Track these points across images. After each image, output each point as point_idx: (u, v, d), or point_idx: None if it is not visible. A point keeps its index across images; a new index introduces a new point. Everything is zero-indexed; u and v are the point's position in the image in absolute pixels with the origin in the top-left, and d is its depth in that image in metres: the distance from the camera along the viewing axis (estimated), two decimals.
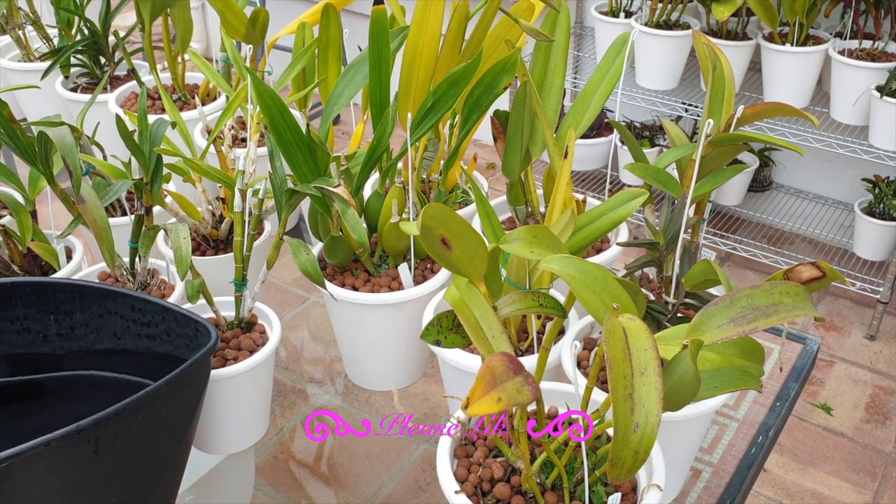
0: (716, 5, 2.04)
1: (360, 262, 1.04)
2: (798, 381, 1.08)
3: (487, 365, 0.58)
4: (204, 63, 1.22)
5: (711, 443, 1.01)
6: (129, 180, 0.98)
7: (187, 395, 0.78)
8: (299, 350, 1.20)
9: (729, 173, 0.89)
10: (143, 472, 0.75)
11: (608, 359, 0.56)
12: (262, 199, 0.95)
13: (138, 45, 1.63)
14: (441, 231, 0.66)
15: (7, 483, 0.63)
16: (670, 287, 0.88)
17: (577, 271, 0.65)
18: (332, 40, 1.11)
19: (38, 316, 0.85)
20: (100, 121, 1.20)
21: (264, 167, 0.99)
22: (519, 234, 0.70)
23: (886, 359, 2.22)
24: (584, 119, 1.03)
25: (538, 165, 1.36)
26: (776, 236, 2.60)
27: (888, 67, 2.02)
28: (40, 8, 1.71)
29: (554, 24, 1.03)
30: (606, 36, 2.43)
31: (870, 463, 1.92)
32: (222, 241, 1.12)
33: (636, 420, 0.54)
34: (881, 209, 2.30)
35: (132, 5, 1.36)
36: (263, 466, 1.02)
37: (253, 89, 0.94)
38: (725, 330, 0.59)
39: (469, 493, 0.73)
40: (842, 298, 2.43)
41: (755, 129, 2.12)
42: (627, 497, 0.74)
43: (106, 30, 1.57)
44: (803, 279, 0.70)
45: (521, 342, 0.94)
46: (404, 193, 1.01)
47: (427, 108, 0.94)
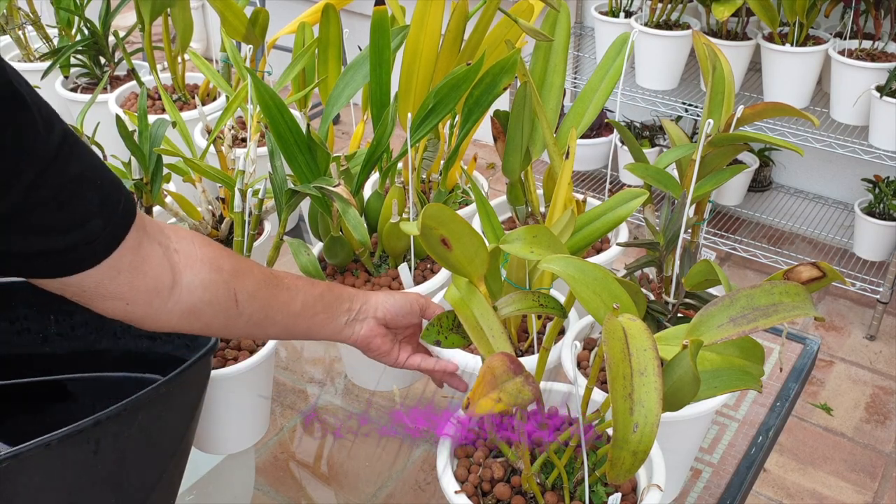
0: (716, 5, 2.04)
1: (360, 262, 1.04)
2: (798, 381, 1.08)
3: (488, 365, 0.58)
4: (204, 63, 1.22)
5: (711, 443, 1.01)
6: (129, 180, 0.98)
7: (187, 395, 0.78)
8: (299, 350, 1.20)
9: (729, 173, 0.89)
10: (143, 472, 0.75)
11: (608, 359, 0.56)
12: (262, 199, 0.95)
13: (138, 45, 1.63)
14: (441, 231, 0.66)
15: (7, 483, 0.63)
16: (670, 287, 0.88)
17: (578, 271, 0.65)
18: (332, 40, 1.11)
19: (38, 316, 0.85)
20: (100, 121, 1.20)
21: (264, 167, 0.99)
22: (519, 235, 0.71)
23: (886, 359, 2.22)
24: (584, 119, 1.03)
25: (538, 165, 1.37)
26: (776, 236, 2.60)
27: (888, 67, 2.02)
28: (40, 8, 1.71)
29: (554, 24, 1.03)
30: (606, 36, 2.43)
31: (870, 463, 1.92)
32: (222, 241, 1.12)
33: (635, 420, 0.54)
34: (881, 209, 2.30)
35: (132, 5, 1.36)
36: (263, 466, 1.02)
37: (253, 89, 0.94)
38: (725, 330, 0.59)
39: (469, 493, 0.73)
40: (842, 298, 2.43)
41: (755, 129, 2.12)
42: (627, 497, 0.74)
43: (106, 30, 1.57)
44: (803, 279, 0.70)
45: (522, 342, 0.94)
46: (404, 193, 1.01)
47: (428, 110, 0.95)
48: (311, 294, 0.81)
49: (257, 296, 0.76)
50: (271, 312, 0.78)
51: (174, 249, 0.70)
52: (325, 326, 0.83)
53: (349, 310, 0.84)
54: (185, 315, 0.71)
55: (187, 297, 0.71)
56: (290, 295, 0.80)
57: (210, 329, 0.75)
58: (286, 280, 0.80)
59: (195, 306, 0.71)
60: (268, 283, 0.78)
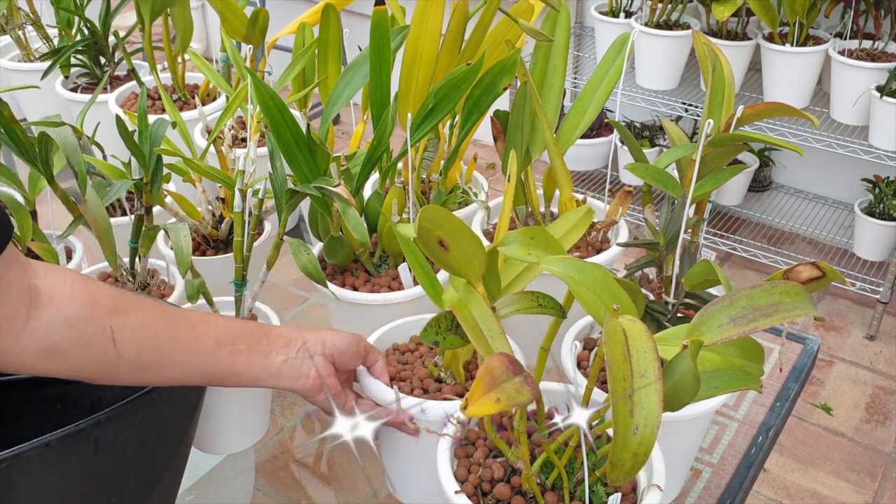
0: (716, 5, 2.04)
1: (360, 262, 1.04)
2: (798, 381, 1.08)
3: (487, 366, 0.58)
4: (204, 63, 1.22)
5: (711, 443, 1.01)
6: (129, 180, 0.98)
7: (187, 395, 0.78)
8: None
9: (729, 173, 0.89)
10: (143, 472, 0.75)
11: (608, 361, 0.56)
12: (262, 199, 0.95)
13: (138, 45, 1.63)
14: (438, 233, 0.66)
15: (7, 483, 0.63)
16: (670, 287, 0.88)
17: (578, 272, 0.65)
18: (332, 40, 1.11)
19: None
20: (100, 121, 1.20)
21: (264, 167, 0.99)
22: (516, 236, 0.70)
23: (886, 359, 2.22)
24: (584, 119, 1.03)
25: (538, 165, 1.36)
26: (776, 236, 2.60)
27: (888, 67, 2.02)
28: (40, 8, 1.71)
29: (554, 24, 1.03)
30: (606, 36, 2.43)
31: (870, 463, 1.92)
32: (222, 241, 1.12)
33: (636, 422, 0.54)
34: (881, 209, 2.30)
35: (132, 5, 1.36)
36: (263, 466, 1.02)
37: (253, 89, 0.94)
38: (725, 330, 0.59)
39: (469, 493, 0.73)
40: (842, 298, 2.43)
41: (755, 129, 2.12)
42: (627, 497, 0.74)
43: (106, 30, 1.57)
44: (803, 279, 0.70)
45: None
46: (404, 193, 1.01)
47: (428, 110, 0.94)
48: (229, 329, 0.72)
49: (145, 334, 0.68)
50: (169, 352, 0.69)
51: (38, 285, 0.65)
52: (252, 366, 0.73)
53: (286, 346, 0.75)
54: (44, 355, 0.65)
55: (45, 335, 0.64)
56: (196, 331, 0.71)
57: (83, 372, 0.67)
58: (193, 316, 0.72)
59: (57, 345, 0.65)
60: (164, 320, 0.70)
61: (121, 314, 0.67)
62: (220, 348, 0.71)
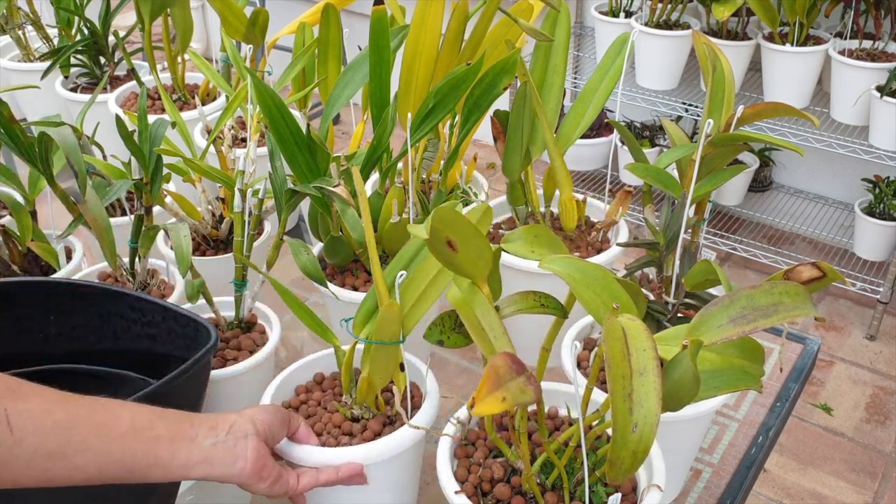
0: (716, 5, 2.04)
1: (360, 262, 1.04)
2: (798, 381, 1.08)
3: (492, 365, 0.58)
4: (204, 63, 1.22)
5: (711, 443, 1.01)
6: (129, 180, 0.98)
7: (187, 395, 0.78)
8: (299, 350, 1.20)
9: (729, 173, 0.89)
10: None
11: (607, 359, 0.56)
12: (262, 199, 0.95)
13: (138, 45, 1.63)
14: (447, 233, 0.66)
15: None
16: (670, 287, 0.88)
17: (578, 271, 0.65)
18: (332, 40, 1.11)
19: (38, 316, 0.85)
20: (100, 121, 1.20)
21: (264, 167, 0.99)
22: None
23: (886, 359, 2.22)
24: (584, 119, 1.03)
25: (538, 165, 1.35)
26: (776, 236, 2.60)
27: (888, 67, 2.02)
28: (40, 8, 1.71)
29: (554, 24, 1.03)
30: (606, 36, 2.43)
31: (870, 463, 1.92)
32: (222, 241, 1.12)
33: (635, 420, 0.54)
34: (881, 209, 2.30)
35: (132, 5, 1.36)
36: None
37: (253, 89, 0.94)
38: (725, 330, 0.59)
39: (469, 493, 0.73)
40: (842, 298, 2.43)
41: (755, 129, 2.12)
42: (627, 497, 0.74)
43: (106, 30, 1.57)
44: (803, 279, 0.70)
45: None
46: (404, 193, 1.01)
47: (427, 110, 0.94)
48: (146, 413, 0.64)
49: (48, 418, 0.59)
50: (79, 437, 0.60)
51: None
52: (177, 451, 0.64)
53: (213, 429, 0.66)
54: None
55: None
56: (110, 414, 0.62)
57: None
58: (102, 400, 0.63)
59: None
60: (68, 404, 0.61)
61: (18, 398, 0.58)
62: (139, 433, 0.63)
